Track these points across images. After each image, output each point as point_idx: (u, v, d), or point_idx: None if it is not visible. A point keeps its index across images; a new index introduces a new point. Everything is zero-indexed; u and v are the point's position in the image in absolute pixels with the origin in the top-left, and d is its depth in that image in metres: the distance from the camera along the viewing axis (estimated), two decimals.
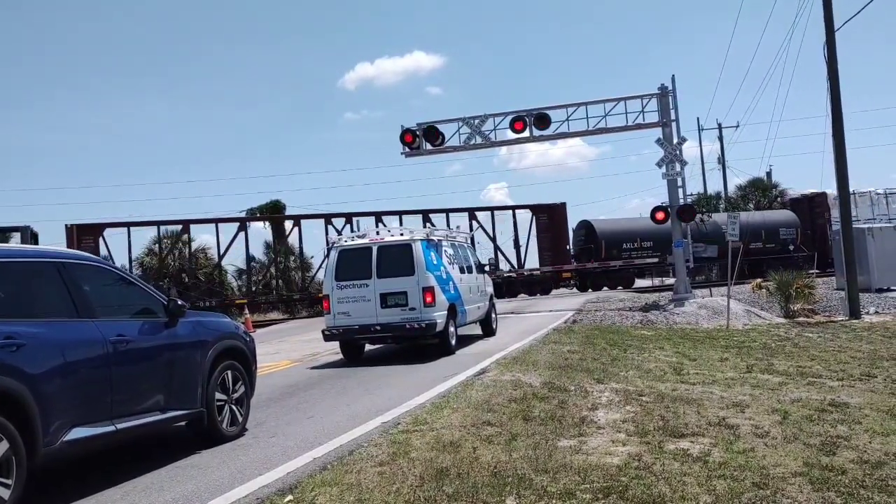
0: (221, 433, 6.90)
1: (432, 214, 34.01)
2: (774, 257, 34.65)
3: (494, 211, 35.73)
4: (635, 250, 35.37)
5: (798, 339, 15.40)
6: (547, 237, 35.16)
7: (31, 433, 4.82)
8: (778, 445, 6.26)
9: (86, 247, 28.21)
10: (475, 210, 35.31)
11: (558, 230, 35.34)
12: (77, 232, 28.98)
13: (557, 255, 34.95)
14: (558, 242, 35.18)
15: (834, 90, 19.84)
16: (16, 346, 4.84)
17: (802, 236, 37.10)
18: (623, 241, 35.39)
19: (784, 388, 9.43)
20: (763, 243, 36.31)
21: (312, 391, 9.86)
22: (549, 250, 35.05)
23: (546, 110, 21.69)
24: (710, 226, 34.52)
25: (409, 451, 5.95)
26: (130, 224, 31.33)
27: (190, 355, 6.63)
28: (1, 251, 5.43)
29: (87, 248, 28.10)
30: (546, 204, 35.94)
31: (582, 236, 36.79)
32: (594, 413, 7.52)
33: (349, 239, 13.63)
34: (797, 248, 36.38)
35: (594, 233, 35.69)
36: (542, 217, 35.39)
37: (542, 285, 34.73)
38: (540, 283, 34.76)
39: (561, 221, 35.58)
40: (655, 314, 19.62)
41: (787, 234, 37.10)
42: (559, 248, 35.12)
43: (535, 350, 12.54)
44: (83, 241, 28.48)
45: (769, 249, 36.15)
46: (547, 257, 35.06)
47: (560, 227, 35.50)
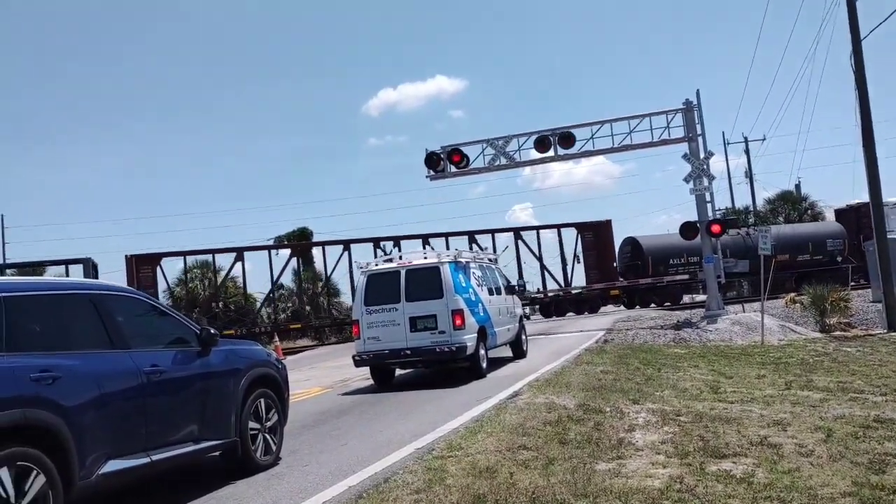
0: (256, 462, 6.86)
1: (478, 235, 34.49)
2: (822, 269, 34.19)
3: (539, 230, 36.10)
4: (682, 265, 35.08)
5: (836, 354, 15.06)
6: (593, 255, 35.30)
7: (67, 466, 4.81)
8: (824, 464, 6.06)
9: (144, 276, 29.17)
10: (520, 230, 35.75)
11: (604, 248, 35.33)
12: (136, 262, 29.78)
13: (604, 272, 34.97)
14: (605, 260, 35.17)
15: (863, 100, 19.57)
16: (51, 379, 4.85)
17: (850, 247, 36.58)
18: (670, 256, 35.10)
19: (826, 404, 9.19)
20: (810, 255, 35.88)
21: (345, 418, 9.81)
22: (595, 268, 35.16)
23: (570, 129, 21.65)
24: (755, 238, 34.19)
25: (444, 477, 5.86)
26: (187, 253, 32.05)
27: (223, 384, 6.61)
28: (35, 284, 5.48)
29: (145, 278, 29.21)
30: (591, 222, 36.11)
31: (627, 253, 36.60)
32: (631, 434, 7.37)
33: (377, 263, 13.64)
34: (845, 259, 35.83)
35: (640, 249, 35.49)
36: (588, 235, 35.55)
37: (590, 303, 34.75)
38: (588, 301, 34.80)
39: (607, 239, 35.58)
40: (688, 332, 19.33)
41: (833, 246, 36.58)
42: (606, 266, 35.09)
43: (568, 371, 12.39)
44: (141, 271, 29.39)
45: (816, 261, 35.69)
46: (593, 275, 35.14)
47: (606, 244, 35.50)
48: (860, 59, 19.43)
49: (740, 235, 34.37)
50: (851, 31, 19.44)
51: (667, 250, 34.95)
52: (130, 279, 29.52)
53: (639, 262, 35.40)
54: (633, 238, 36.95)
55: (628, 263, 36.15)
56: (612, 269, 35.27)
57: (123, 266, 29.49)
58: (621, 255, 36.60)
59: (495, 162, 22.38)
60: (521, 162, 22.92)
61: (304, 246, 34.60)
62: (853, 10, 19.46)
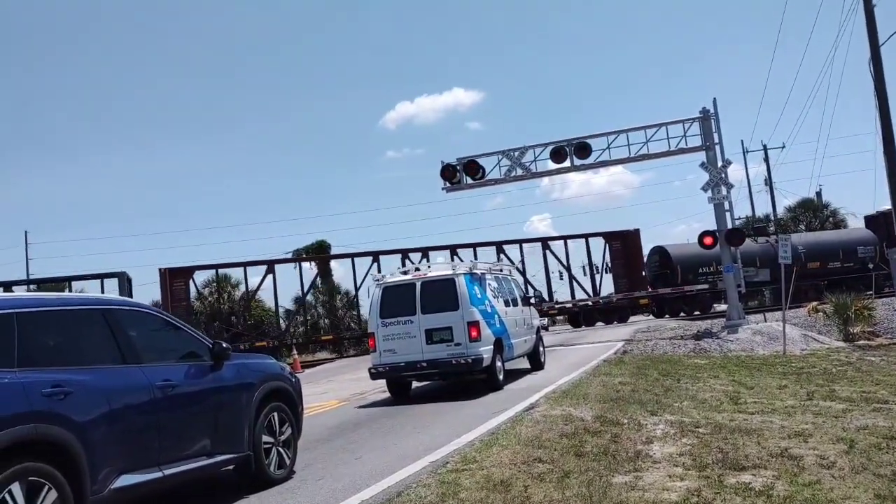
0: (269, 476, 6.84)
1: (506, 246, 34.72)
2: (854, 276, 33.85)
3: (567, 240, 35.93)
4: (711, 274, 34.78)
5: (860, 364, 14.82)
6: (621, 264, 35.27)
7: (79, 482, 4.80)
8: (846, 476, 5.94)
9: (177, 289, 29.85)
10: (548, 239, 35.88)
11: (632, 257, 35.22)
12: (169, 275, 30.19)
13: (633, 281, 34.90)
14: (633, 269, 35.09)
15: (882, 105, 19.37)
16: (63, 395, 4.86)
17: (881, 254, 36.18)
18: (699, 265, 34.87)
19: (848, 415, 9.02)
20: (841, 263, 35.53)
21: (360, 431, 9.77)
22: (623, 277, 35.11)
23: (586, 139, 21.59)
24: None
25: (458, 491, 5.80)
26: (218, 266, 32.51)
27: (236, 398, 6.60)
28: (47, 300, 5.50)
29: (178, 290, 29.85)
30: (619, 231, 36.07)
31: (656, 262, 36.47)
32: (649, 447, 7.27)
33: (392, 275, 13.62)
34: (876, 265, 35.44)
35: (669, 258, 35.33)
36: (616, 244, 35.54)
37: (619, 313, 34.69)
38: (617, 310, 34.73)
39: (635, 248, 35.47)
40: (708, 342, 19.12)
41: (865, 253, 36.24)
42: (634, 275, 35.03)
43: (585, 383, 12.27)
44: (174, 284, 29.85)
45: (847, 269, 35.37)
46: (622, 284, 35.06)
47: (634, 253, 35.37)
48: (879, 65, 19.24)
49: (769, 243, 34.18)
50: (869, 36, 19.28)
51: (695, 259, 34.68)
52: (164, 292, 30.13)
53: (668, 270, 35.23)
54: (662, 247, 36.81)
55: (657, 272, 35.99)
56: (641, 278, 35.13)
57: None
58: (649, 265, 36.42)
59: (511, 173, 22.34)
60: (538, 173, 22.87)
61: (330, 257, 34.67)
62: (871, 15, 19.30)
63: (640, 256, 35.70)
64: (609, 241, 35.68)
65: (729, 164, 21.10)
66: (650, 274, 36.08)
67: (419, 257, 32.44)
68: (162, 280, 30.36)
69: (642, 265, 35.64)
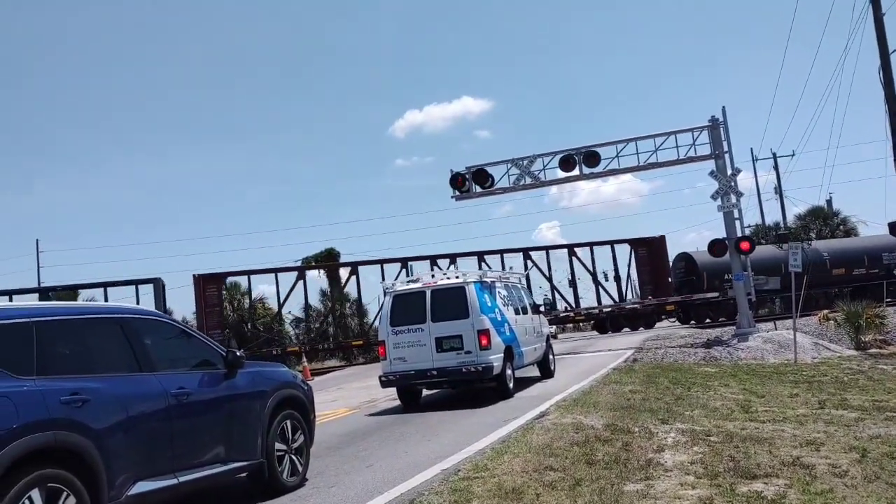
0: (281, 484, 6.88)
1: (532, 252, 35.21)
2: (878, 283, 33.81)
3: (594, 246, 36.22)
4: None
5: (872, 372, 14.75)
6: (646, 270, 35.52)
7: (96, 489, 4.87)
8: (858, 486, 5.94)
9: (210, 294, 30.41)
10: (574, 246, 36.03)
11: (658, 263, 35.29)
12: (203, 281, 30.60)
13: (658, 288, 35.04)
14: (659, 275, 35.23)
15: (892, 114, 19.32)
16: (81, 402, 4.93)
17: None
18: (724, 272, 34.78)
19: (860, 424, 8.99)
20: (866, 269, 35.46)
21: (371, 439, 9.81)
22: (649, 283, 35.37)
23: (595, 147, 21.59)
24: (811, 253, 34.00)
25: (470, 499, 5.83)
26: (251, 272, 32.82)
27: (249, 406, 6.66)
28: (65, 309, 5.57)
29: (210, 296, 30.36)
30: (644, 238, 36.34)
31: (681, 269, 36.48)
32: (660, 455, 7.27)
33: (402, 283, 13.67)
34: None
35: (695, 265, 35.29)
36: (641, 251, 35.82)
37: (644, 319, 34.82)
38: (643, 316, 34.86)
39: (661, 254, 35.56)
40: (719, 350, 19.06)
41: (890, 259, 36.11)
42: (660, 281, 35.17)
43: (596, 391, 12.27)
44: (207, 289, 30.31)
45: (872, 275, 35.28)
46: (648, 290, 35.34)
47: (660, 260, 35.46)
48: (889, 73, 19.22)
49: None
50: (879, 44, 19.26)
51: (721, 266, 34.58)
52: (198, 298, 30.66)
53: (693, 277, 35.26)
54: (688, 254, 36.79)
55: (683, 279, 36.03)
56: (667, 285, 35.26)
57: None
58: (675, 271, 36.47)
59: (520, 182, 22.37)
60: (547, 181, 22.90)
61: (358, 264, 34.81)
62: (880, 23, 19.29)
63: (666, 263, 35.88)
64: (635, 247, 36.04)
65: (738, 173, 21.07)
66: (676, 280, 36.12)
67: (448, 262, 33.13)
68: (196, 286, 30.92)
69: (668, 271, 35.75)
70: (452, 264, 32.88)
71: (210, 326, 29.92)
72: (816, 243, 36.02)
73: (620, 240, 36.53)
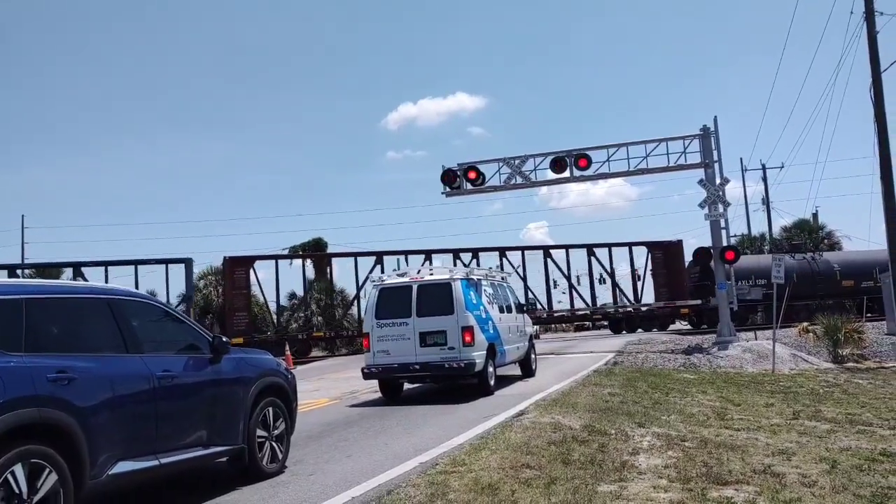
0: (261, 470, 6.96)
1: (553, 250, 36.08)
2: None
3: (612, 247, 36.78)
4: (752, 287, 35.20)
5: (847, 386, 14.98)
6: (662, 274, 36.03)
7: (78, 466, 4.92)
8: (826, 496, 6.08)
9: (238, 277, 30.88)
10: (593, 246, 36.53)
11: (674, 267, 35.77)
12: (231, 263, 31.12)
13: (673, 291, 35.52)
14: (674, 279, 35.73)
15: (881, 132, 19.57)
16: (67, 380, 4.98)
17: None
18: (738, 278, 35.25)
19: (832, 435, 9.17)
20: (874, 282, 35.89)
21: (351, 430, 9.89)
22: (664, 286, 35.89)
23: (586, 151, 21.71)
24: (821, 263, 34.46)
25: (446, 492, 5.92)
26: (279, 257, 33.65)
27: (233, 391, 6.73)
28: (55, 287, 5.62)
29: (239, 279, 30.87)
30: (661, 241, 36.90)
31: (696, 273, 36.80)
32: (635, 458, 7.40)
33: (389, 277, 13.75)
34: None
35: (710, 271, 35.60)
36: (657, 254, 36.33)
37: (660, 320, 35.69)
38: (658, 318, 35.73)
39: (676, 258, 35.93)
40: (698, 357, 19.27)
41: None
42: (675, 285, 35.68)
43: (575, 392, 12.41)
44: (236, 272, 30.77)
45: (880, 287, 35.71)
46: (663, 293, 35.89)
47: (676, 263, 35.81)
48: (880, 91, 19.45)
49: (806, 260, 34.62)
50: (871, 62, 19.47)
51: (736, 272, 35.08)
52: (226, 280, 31.28)
53: (708, 282, 35.59)
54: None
55: (697, 283, 36.37)
56: (683, 288, 35.69)
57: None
58: (689, 275, 36.84)
59: (511, 181, 22.47)
60: (537, 182, 23.01)
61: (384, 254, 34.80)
62: (873, 41, 19.51)
63: (682, 266, 36.29)
64: (651, 250, 36.65)
65: (727, 183, 21.28)
66: (691, 284, 36.46)
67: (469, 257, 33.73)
68: (225, 268, 31.49)
69: (684, 276, 36.15)
70: (474, 258, 33.58)
71: (237, 308, 30.65)
72: (827, 254, 36.59)
73: (638, 242, 37.42)
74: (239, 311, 30.43)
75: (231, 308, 30.59)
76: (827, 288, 34.69)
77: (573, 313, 36.18)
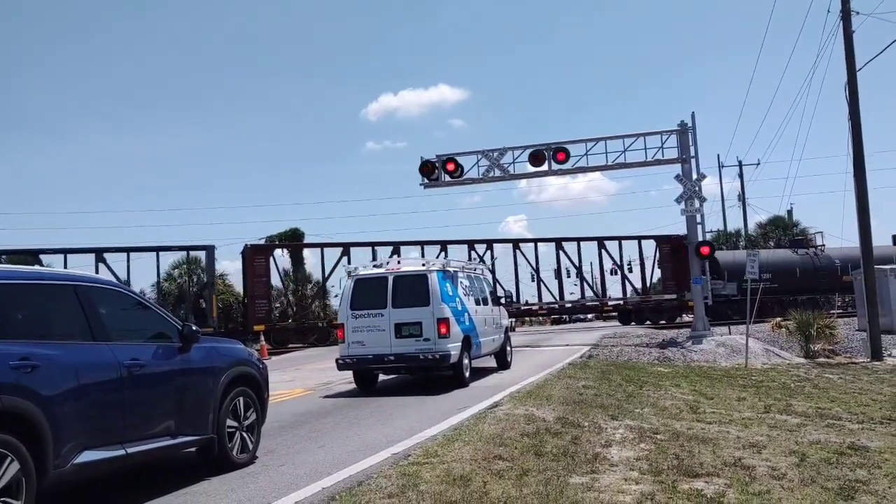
0: (231, 460, 6.88)
1: (565, 242, 37.00)
2: None
3: (622, 240, 37.87)
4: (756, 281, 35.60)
5: (818, 380, 15.15)
6: (669, 267, 37.00)
7: (42, 455, 4.82)
8: (794, 488, 6.13)
9: (258, 265, 31.20)
10: (604, 239, 37.35)
11: (680, 260, 36.25)
12: (252, 252, 31.52)
13: (681, 284, 36.08)
14: (682, 272, 36.04)
15: (855, 130, 19.74)
16: (30, 368, 4.87)
17: None
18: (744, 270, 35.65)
19: (802, 429, 9.26)
20: None
21: (324, 420, 9.83)
22: (671, 279, 36.91)
23: (565, 144, 21.76)
24: (823, 259, 35.04)
25: (418, 483, 5.89)
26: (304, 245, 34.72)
27: (202, 381, 6.63)
28: (19, 273, 5.49)
29: (259, 267, 31.24)
30: (669, 235, 37.73)
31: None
32: (608, 450, 7.42)
33: (365, 268, 13.68)
34: None
35: (717, 264, 36.12)
36: (665, 247, 37.31)
37: (668, 312, 36.69)
38: (668, 310, 36.75)
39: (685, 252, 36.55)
40: (673, 351, 19.42)
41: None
42: (683, 278, 35.86)
43: (550, 384, 12.43)
44: (256, 260, 31.17)
45: None
46: (670, 286, 36.86)
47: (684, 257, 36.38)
48: (854, 90, 19.62)
49: (808, 255, 35.07)
50: (847, 61, 19.63)
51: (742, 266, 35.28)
52: (246, 268, 31.51)
53: (715, 275, 36.04)
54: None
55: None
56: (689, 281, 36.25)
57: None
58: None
59: (490, 173, 22.46)
60: (516, 175, 23.00)
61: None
62: (849, 41, 19.67)
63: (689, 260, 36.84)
64: (659, 244, 37.57)
65: (703, 178, 21.41)
66: None
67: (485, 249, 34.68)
68: (245, 256, 31.62)
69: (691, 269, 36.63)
70: (489, 250, 34.53)
71: (257, 296, 30.87)
72: (829, 250, 37.27)
73: (647, 236, 38.49)
74: (260, 298, 30.84)
75: (252, 296, 30.97)
76: (829, 282, 35.41)
77: (582, 305, 37.59)
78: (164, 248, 30.71)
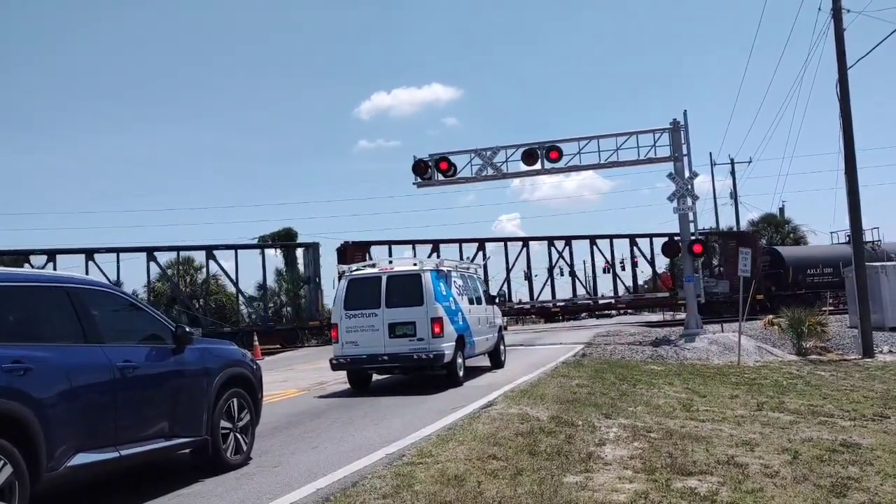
0: (226, 461, 6.87)
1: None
2: None
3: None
4: (817, 276, 37.09)
5: (810, 378, 15.23)
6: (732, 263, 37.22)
7: (34, 458, 4.80)
8: (787, 486, 6.16)
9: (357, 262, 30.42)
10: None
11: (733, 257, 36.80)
12: (350, 249, 32.07)
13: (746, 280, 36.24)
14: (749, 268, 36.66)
15: (846, 128, 19.83)
16: (23, 370, 4.85)
17: None
18: (807, 267, 37.07)
19: (795, 427, 9.31)
20: None
21: (318, 420, 9.82)
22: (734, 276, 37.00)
23: (558, 143, 21.79)
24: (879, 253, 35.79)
25: (412, 483, 5.90)
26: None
27: (196, 382, 6.62)
28: (12, 275, 5.47)
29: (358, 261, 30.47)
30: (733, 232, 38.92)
31: (767, 262, 37.95)
32: (601, 449, 7.44)
33: (359, 268, 13.67)
34: None
35: (782, 260, 37.21)
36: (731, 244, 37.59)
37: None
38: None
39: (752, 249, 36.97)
40: (666, 349, 19.47)
41: None
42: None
43: (544, 383, 12.45)
44: (355, 258, 30.94)
45: None
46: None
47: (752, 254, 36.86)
48: (846, 88, 19.70)
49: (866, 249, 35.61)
50: (838, 59, 19.70)
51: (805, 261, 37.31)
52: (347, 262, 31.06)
53: (781, 270, 37.30)
54: (774, 248, 39.70)
55: (767, 272, 37.54)
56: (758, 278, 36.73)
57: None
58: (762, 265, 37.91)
59: (483, 172, 22.48)
60: (509, 174, 23.02)
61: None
62: (840, 39, 19.75)
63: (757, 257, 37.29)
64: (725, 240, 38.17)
65: (696, 177, 21.48)
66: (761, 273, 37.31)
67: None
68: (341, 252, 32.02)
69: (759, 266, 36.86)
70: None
71: None
72: (885, 244, 38.52)
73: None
74: None
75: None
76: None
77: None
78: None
